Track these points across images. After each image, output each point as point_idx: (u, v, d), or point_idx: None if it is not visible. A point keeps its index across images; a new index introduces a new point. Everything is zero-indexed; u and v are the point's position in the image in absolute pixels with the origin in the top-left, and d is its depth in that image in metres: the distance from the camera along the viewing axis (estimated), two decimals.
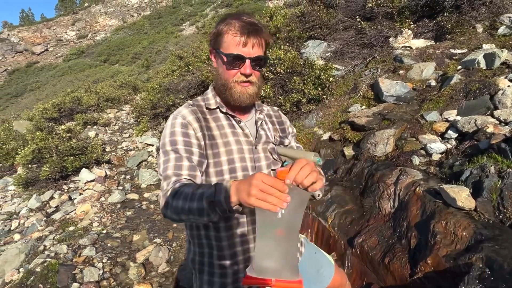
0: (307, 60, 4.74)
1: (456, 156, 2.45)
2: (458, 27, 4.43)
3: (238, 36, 1.03)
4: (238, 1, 26.47)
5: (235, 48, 1.04)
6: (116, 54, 30.57)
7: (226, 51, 1.05)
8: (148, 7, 45.33)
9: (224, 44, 1.06)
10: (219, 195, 0.83)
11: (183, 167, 1.00)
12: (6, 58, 40.66)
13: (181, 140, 1.04)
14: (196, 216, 0.88)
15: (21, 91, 28.34)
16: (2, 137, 7.07)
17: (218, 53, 1.09)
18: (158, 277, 3.02)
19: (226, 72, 1.08)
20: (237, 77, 1.07)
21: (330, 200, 2.78)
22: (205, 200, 0.86)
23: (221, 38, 1.07)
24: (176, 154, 1.02)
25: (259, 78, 1.12)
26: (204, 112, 1.14)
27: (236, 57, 1.04)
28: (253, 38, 1.04)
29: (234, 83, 1.08)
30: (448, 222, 1.84)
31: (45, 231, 3.87)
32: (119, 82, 12.18)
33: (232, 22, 1.05)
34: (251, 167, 1.13)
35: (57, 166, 5.08)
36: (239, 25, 1.04)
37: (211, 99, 1.16)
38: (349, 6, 6.35)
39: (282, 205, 0.73)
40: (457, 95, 3.14)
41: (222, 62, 1.08)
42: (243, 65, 1.05)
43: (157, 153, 5.94)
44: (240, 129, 1.15)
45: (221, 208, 0.83)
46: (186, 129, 1.07)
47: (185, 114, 1.10)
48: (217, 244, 1.11)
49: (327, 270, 1.40)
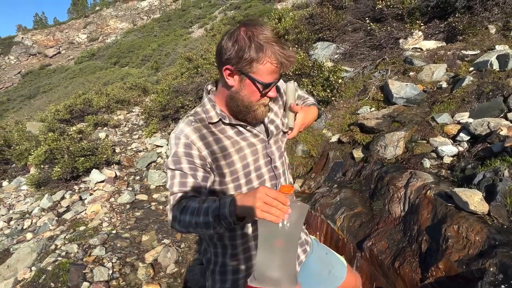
0: (316, 62, 4.73)
1: (468, 159, 2.40)
2: (470, 28, 4.36)
3: (278, 67, 1.02)
4: (246, 4, 26.58)
5: (272, 78, 1.03)
6: (126, 57, 30.99)
7: (261, 78, 1.02)
8: (157, 10, 45.87)
9: (260, 72, 1.01)
10: (224, 209, 0.88)
11: (187, 183, 1.04)
12: (20, 60, 41.62)
13: (185, 160, 1.05)
14: (204, 229, 0.94)
15: (34, 93, 28.95)
16: (16, 138, 7.23)
17: (247, 76, 1.02)
18: (166, 277, 3.04)
19: (251, 95, 1.06)
20: (264, 100, 1.09)
21: (339, 203, 2.76)
22: (211, 214, 0.90)
23: (254, 64, 1.00)
24: (181, 172, 1.05)
25: None
26: (209, 127, 1.11)
27: (271, 86, 1.05)
28: (286, 69, 1.05)
29: (259, 105, 1.09)
30: (460, 227, 1.81)
31: (57, 231, 3.94)
32: (129, 84, 12.32)
33: (268, 51, 0.99)
34: (263, 163, 1.17)
35: (68, 167, 5.17)
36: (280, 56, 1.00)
37: (211, 111, 1.12)
38: (358, 7, 6.31)
39: (284, 216, 0.80)
40: (469, 97, 3.08)
41: (249, 87, 1.05)
42: (270, 89, 1.07)
43: (167, 159, 5.99)
44: (249, 132, 1.15)
45: (226, 221, 0.89)
46: (190, 149, 1.07)
47: (188, 134, 1.08)
48: (231, 244, 1.15)
49: (339, 271, 1.39)
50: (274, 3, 23.33)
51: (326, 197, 2.90)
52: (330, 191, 3.00)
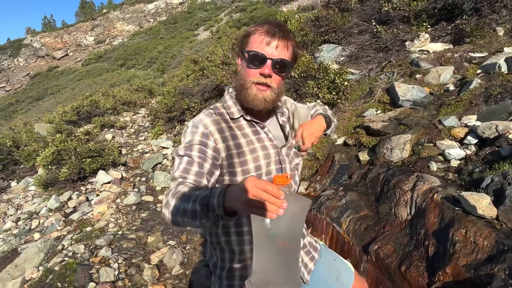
0: (322, 64, 4.73)
1: (476, 162, 2.38)
2: (478, 30, 4.32)
3: (264, 35, 1.03)
4: (252, 6, 26.68)
5: (259, 46, 1.03)
6: (133, 59, 31.27)
7: (249, 48, 1.05)
8: (164, 13, 46.27)
9: (249, 44, 1.05)
10: (212, 199, 0.79)
11: (191, 171, 0.98)
12: (29, 63, 42.25)
13: (198, 148, 1.02)
14: (190, 219, 0.84)
15: (42, 95, 29.34)
16: (24, 139, 7.33)
17: (242, 53, 1.08)
18: (171, 279, 3.05)
19: (246, 71, 1.06)
20: (256, 78, 1.04)
21: (344, 206, 2.74)
22: (199, 202, 0.82)
23: (247, 38, 1.07)
24: (189, 158, 1.01)
25: (279, 84, 1.08)
26: (228, 121, 1.11)
27: (257, 56, 1.02)
28: (278, 39, 1.02)
29: (251, 84, 1.05)
30: (468, 231, 1.79)
31: (64, 231, 3.98)
32: (135, 86, 12.43)
33: (261, 24, 1.06)
34: (275, 170, 1.13)
35: (75, 168, 5.22)
36: (267, 26, 1.04)
37: (233, 107, 1.13)
38: (364, 10, 6.30)
39: (278, 211, 0.67)
40: (477, 100, 3.06)
41: (245, 61, 1.07)
42: (263, 65, 1.03)
43: (173, 160, 6.02)
44: (265, 134, 1.14)
45: (214, 213, 0.79)
46: (207, 139, 1.04)
47: (207, 124, 1.07)
48: (239, 249, 1.12)
49: (347, 278, 1.37)
50: (279, 5, 23.38)
51: (331, 200, 2.89)
52: (336, 193, 2.99)
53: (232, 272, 1.15)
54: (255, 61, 1.03)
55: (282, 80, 1.09)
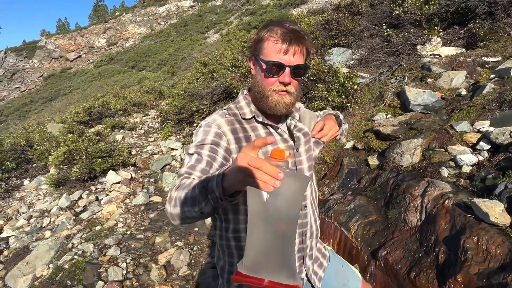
0: (331, 67, 4.71)
1: (488, 168, 2.33)
2: (492, 34, 4.25)
3: (280, 43, 0.99)
4: (262, 10, 26.78)
5: (276, 55, 1.00)
6: (144, 61, 31.68)
7: (266, 58, 1.02)
8: (174, 16, 46.82)
9: (264, 51, 1.03)
10: (212, 181, 0.77)
11: (197, 167, 0.96)
12: (43, 64, 43.20)
13: (209, 147, 1.01)
14: (189, 207, 0.82)
15: (55, 95, 29.94)
16: (37, 139, 7.49)
17: (257, 60, 1.05)
18: (178, 279, 3.07)
19: (264, 80, 1.05)
20: (275, 86, 1.04)
21: (353, 210, 2.72)
22: (198, 186, 0.80)
23: (261, 44, 1.03)
24: (198, 156, 1.00)
25: (297, 87, 1.08)
26: (241, 122, 1.11)
27: (276, 65, 1.00)
28: (294, 46, 1.00)
29: (271, 92, 1.04)
30: (480, 238, 1.76)
31: (74, 230, 4.04)
32: (145, 88, 12.58)
33: (274, 29, 1.02)
34: None
35: (86, 168, 5.31)
36: (281, 32, 1.00)
37: (245, 108, 1.13)
38: (375, 13, 6.26)
39: (275, 183, 0.63)
40: (490, 105, 3.00)
41: (261, 70, 1.05)
42: (282, 73, 1.01)
43: (182, 161, 6.07)
44: (279, 135, 1.13)
45: (212, 195, 0.76)
46: (219, 139, 1.04)
47: (220, 124, 1.07)
48: None
49: (354, 284, 1.36)
50: (289, 9, 23.43)
51: (340, 204, 2.87)
52: (344, 198, 2.96)
53: None
54: (274, 70, 1.01)
55: (300, 83, 1.09)
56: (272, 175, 0.63)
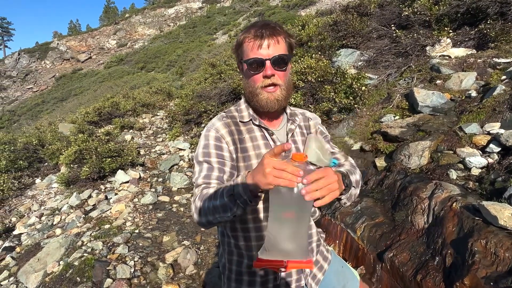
0: (339, 68, 4.70)
1: (498, 171, 2.31)
2: (503, 35, 4.19)
3: (254, 40, 1.04)
4: (270, 11, 26.81)
5: (252, 52, 1.04)
6: (153, 62, 31.99)
7: (246, 58, 1.06)
8: (183, 17, 47.20)
9: (244, 53, 1.07)
10: (237, 187, 0.87)
11: (212, 176, 1.04)
12: (55, 65, 44.02)
13: (214, 153, 1.08)
14: (222, 213, 0.92)
15: (66, 96, 30.47)
16: (49, 138, 7.64)
17: (241, 63, 1.11)
18: (185, 278, 3.10)
19: (250, 79, 1.09)
20: (261, 82, 1.06)
21: (359, 212, 2.71)
22: (226, 194, 0.89)
23: (241, 48, 1.08)
24: (208, 165, 1.06)
25: (285, 79, 1.09)
26: (238, 124, 1.15)
27: (256, 61, 1.03)
28: (268, 38, 1.03)
29: (260, 89, 1.07)
30: (488, 242, 1.74)
31: (83, 228, 4.11)
32: (154, 89, 12.71)
33: (249, 30, 1.07)
34: None
35: (96, 167, 5.40)
36: (254, 30, 1.05)
37: (244, 111, 1.17)
38: (383, 14, 6.22)
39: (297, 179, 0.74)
40: (501, 106, 2.96)
41: (245, 70, 1.10)
42: (263, 68, 1.04)
43: (190, 161, 6.12)
44: (272, 141, 1.15)
45: (241, 199, 0.86)
46: (220, 142, 1.09)
47: (218, 127, 1.12)
48: (247, 254, 1.13)
49: (352, 285, 1.37)
50: (298, 10, 23.40)
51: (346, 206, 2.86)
52: None
53: (240, 276, 1.15)
54: (255, 67, 1.05)
55: (287, 74, 1.10)
56: (295, 174, 0.74)
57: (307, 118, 1.30)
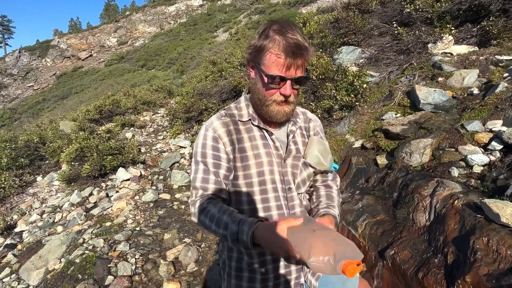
0: (340, 66, 4.68)
1: (500, 169, 2.30)
2: (506, 32, 4.16)
3: (282, 58, 0.96)
4: (271, 8, 26.72)
5: (277, 69, 0.98)
6: (153, 60, 31.96)
7: (267, 70, 1.00)
8: (184, 15, 47.08)
9: (266, 62, 1.00)
10: (242, 235, 0.90)
11: (209, 180, 1.06)
12: (56, 63, 44.01)
13: (211, 154, 1.08)
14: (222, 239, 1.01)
15: (67, 94, 30.49)
16: (50, 136, 7.64)
17: (258, 68, 1.04)
18: (186, 276, 3.10)
19: (265, 90, 1.05)
20: (276, 96, 1.04)
21: (361, 209, 2.71)
22: (230, 237, 0.93)
23: (262, 54, 1.01)
24: (204, 166, 1.08)
25: (297, 96, 1.08)
26: (237, 123, 1.13)
27: (278, 78, 0.99)
28: (297, 60, 0.97)
29: (272, 102, 1.05)
30: (490, 239, 1.73)
31: (84, 225, 4.12)
32: (155, 86, 12.71)
33: (276, 40, 0.97)
34: (279, 180, 1.12)
35: (97, 165, 5.40)
36: (284, 45, 0.96)
37: (244, 110, 1.15)
38: (385, 11, 6.19)
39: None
40: (503, 104, 2.94)
41: (262, 80, 1.04)
42: (283, 84, 1.00)
43: (190, 159, 6.12)
44: (272, 141, 1.13)
45: (243, 244, 0.91)
46: (217, 143, 1.09)
47: (216, 127, 1.10)
48: (247, 252, 1.13)
49: (353, 282, 1.37)
50: (298, 7, 23.31)
51: (348, 203, 2.86)
52: (352, 197, 2.95)
53: (240, 272, 1.15)
54: (276, 82, 1.00)
55: (299, 90, 1.09)
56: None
57: (308, 119, 1.30)
